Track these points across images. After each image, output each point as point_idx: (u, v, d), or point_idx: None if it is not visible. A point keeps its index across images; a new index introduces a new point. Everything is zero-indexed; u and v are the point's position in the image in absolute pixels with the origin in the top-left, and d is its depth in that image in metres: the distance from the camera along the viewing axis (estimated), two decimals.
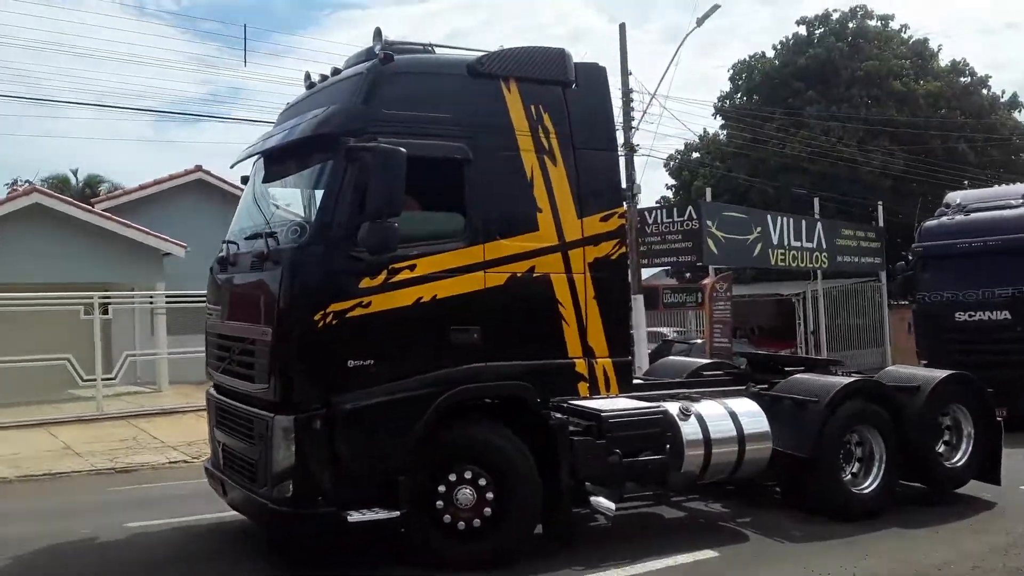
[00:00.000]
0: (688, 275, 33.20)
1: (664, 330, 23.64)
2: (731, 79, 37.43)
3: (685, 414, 7.14)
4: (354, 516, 5.84)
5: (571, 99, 6.97)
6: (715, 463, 7.15)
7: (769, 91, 34.45)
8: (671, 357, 12.57)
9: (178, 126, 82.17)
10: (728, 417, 7.32)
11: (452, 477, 6.19)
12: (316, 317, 5.95)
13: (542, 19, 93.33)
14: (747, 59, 37.13)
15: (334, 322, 5.97)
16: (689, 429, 7.06)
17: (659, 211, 21.00)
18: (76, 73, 61.60)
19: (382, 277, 6.09)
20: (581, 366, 6.81)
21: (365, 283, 6.05)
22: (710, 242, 19.09)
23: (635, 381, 8.20)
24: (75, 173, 39.05)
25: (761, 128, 32.34)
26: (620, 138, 19.65)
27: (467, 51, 7.01)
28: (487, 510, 6.23)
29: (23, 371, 14.81)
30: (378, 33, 6.55)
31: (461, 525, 6.18)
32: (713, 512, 8.06)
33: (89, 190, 37.20)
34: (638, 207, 19.99)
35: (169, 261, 19.32)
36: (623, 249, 7.16)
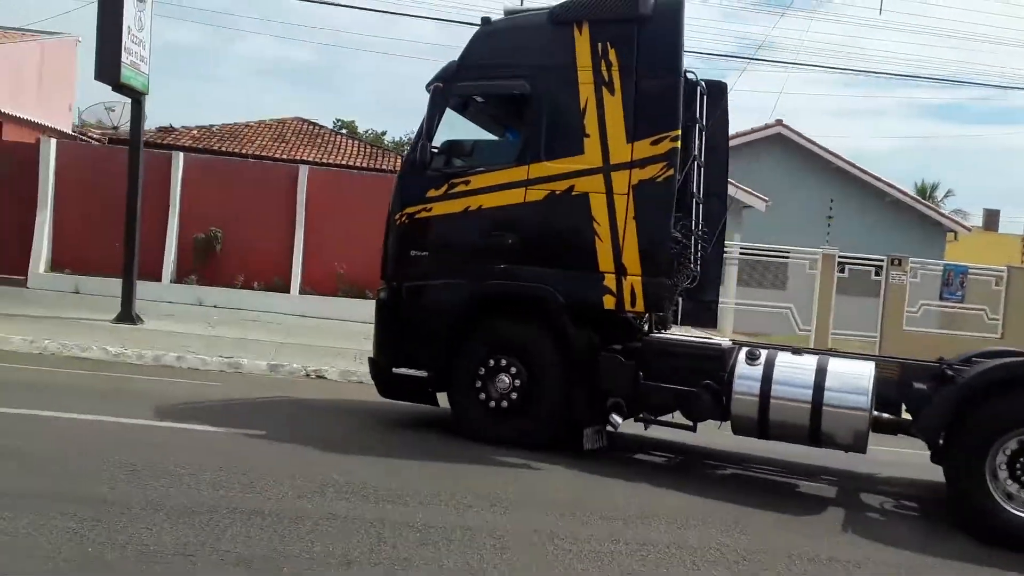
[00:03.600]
0: None
1: None
2: None
3: (752, 358, 6.87)
4: (400, 370, 7.60)
5: (643, 32, 7.29)
6: (776, 417, 6.69)
7: None
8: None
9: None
10: (810, 372, 6.69)
11: (491, 363, 7.29)
12: (396, 217, 7.76)
13: None
14: None
15: (406, 221, 7.71)
16: (747, 373, 6.80)
17: None
18: None
19: (444, 189, 7.57)
20: (610, 280, 7.17)
21: (431, 193, 7.60)
22: None
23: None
24: None
25: None
26: None
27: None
28: (515, 394, 7.23)
29: None
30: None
31: (494, 404, 7.27)
32: None
33: None
34: None
35: (749, 214, 20.12)
36: (670, 172, 7.15)
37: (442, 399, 7.66)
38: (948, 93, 70.32)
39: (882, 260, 17.10)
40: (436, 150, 7.66)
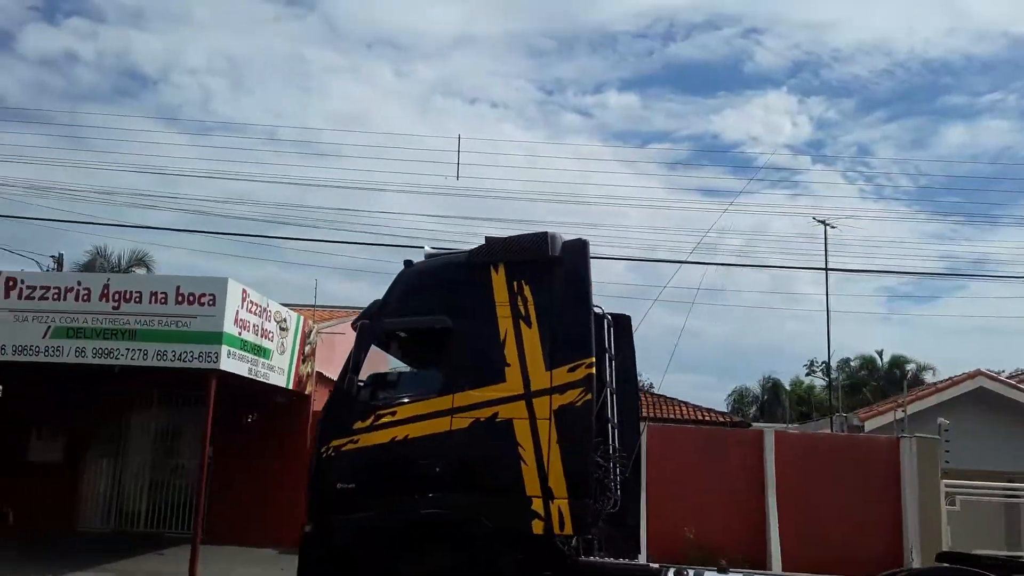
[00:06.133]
0: None
1: None
2: None
3: None
4: None
5: (555, 270, 8.29)
6: None
7: None
8: None
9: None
10: None
11: None
12: (322, 451, 8.27)
13: None
14: None
15: (332, 454, 8.23)
16: None
17: None
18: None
19: (370, 420, 8.17)
20: (537, 504, 7.63)
21: (357, 424, 8.19)
22: None
23: None
24: (880, 354, 40.97)
25: None
26: None
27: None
28: None
29: None
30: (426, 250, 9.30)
31: None
32: None
33: (897, 371, 37.73)
34: None
35: None
36: (588, 396, 7.85)
37: None
38: None
39: None
40: (362, 383, 8.21)
